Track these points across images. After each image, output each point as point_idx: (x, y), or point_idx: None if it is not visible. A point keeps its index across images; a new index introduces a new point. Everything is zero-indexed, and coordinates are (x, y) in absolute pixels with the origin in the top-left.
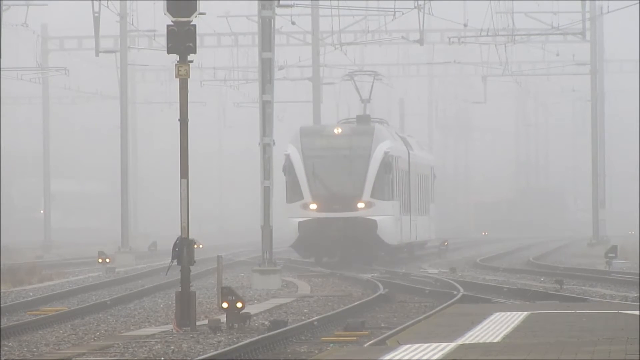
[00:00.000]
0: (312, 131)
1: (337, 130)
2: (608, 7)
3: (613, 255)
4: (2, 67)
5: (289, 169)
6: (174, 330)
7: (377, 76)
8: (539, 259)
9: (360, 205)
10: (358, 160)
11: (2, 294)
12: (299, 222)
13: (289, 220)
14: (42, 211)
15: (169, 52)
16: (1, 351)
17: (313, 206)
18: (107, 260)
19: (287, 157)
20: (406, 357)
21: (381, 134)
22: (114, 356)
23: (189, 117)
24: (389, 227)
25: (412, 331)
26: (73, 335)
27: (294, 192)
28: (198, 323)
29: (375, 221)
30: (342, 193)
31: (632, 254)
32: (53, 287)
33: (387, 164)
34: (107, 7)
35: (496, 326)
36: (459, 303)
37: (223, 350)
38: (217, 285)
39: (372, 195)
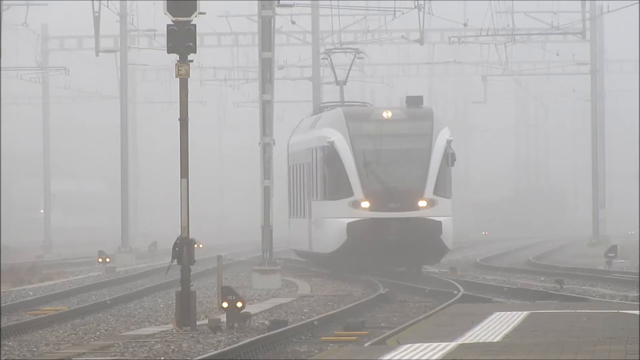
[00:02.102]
0: (358, 114)
1: (388, 114)
2: (608, 7)
3: (613, 255)
4: (2, 67)
5: (331, 158)
6: (174, 330)
7: (359, 54)
8: (539, 259)
9: (422, 203)
10: (418, 150)
11: (2, 293)
12: (349, 224)
13: (329, 221)
14: (42, 211)
15: (169, 51)
16: (1, 351)
17: (365, 204)
18: (107, 260)
19: (331, 144)
20: (406, 357)
21: (439, 118)
22: (114, 356)
23: (189, 117)
24: (451, 229)
25: (412, 331)
26: (73, 335)
27: (339, 187)
28: (198, 323)
29: (439, 223)
30: (401, 189)
31: (632, 254)
32: (53, 287)
33: (449, 155)
34: (107, 7)
35: (496, 326)
36: (459, 303)
37: (223, 350)
38: (217, 285)
39: (434, 192)
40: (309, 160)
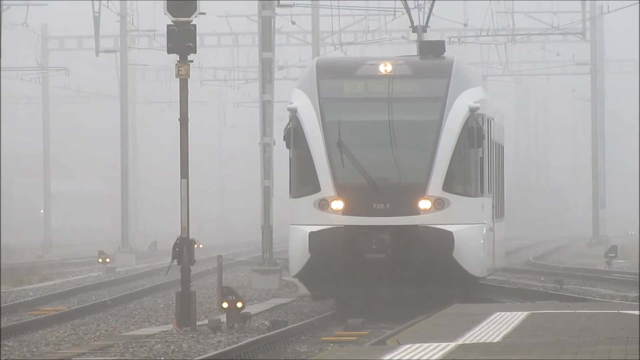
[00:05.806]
0: (340, 68)
1: (386, 68)
2: (608, 7)
3: (613, 255)
4: (2, 67)
5: (295, 135)
6: (174, 330)
7: None
8: (539, 259)
9: (424, 204)
10: (422, 123)
11: (2, 294)
12: (311, 234)
13: (292, 230)
14: (42, 211)
15: (169, 52)
16: (1, 351)
17: (337, 204)
18: (107, 260)
19: (293, 113)
20: (406, 357)
21: (463, 74)
22: (114, 356)
23: (189, 117)
24: (474, 244)
25: (412, 331)
26: (73, 335)
27: (301, 179)
28: (198, 323)
29: (450, 234)
30: (392, 182)
31: (632, 254)
32: (53, 287)
33: (474, 131)
34: (107, 7)
35: (496, 326)
36: (459, 303)
37: (223, 350)
38: (217, 285)
39: (445, 187)
40: None
